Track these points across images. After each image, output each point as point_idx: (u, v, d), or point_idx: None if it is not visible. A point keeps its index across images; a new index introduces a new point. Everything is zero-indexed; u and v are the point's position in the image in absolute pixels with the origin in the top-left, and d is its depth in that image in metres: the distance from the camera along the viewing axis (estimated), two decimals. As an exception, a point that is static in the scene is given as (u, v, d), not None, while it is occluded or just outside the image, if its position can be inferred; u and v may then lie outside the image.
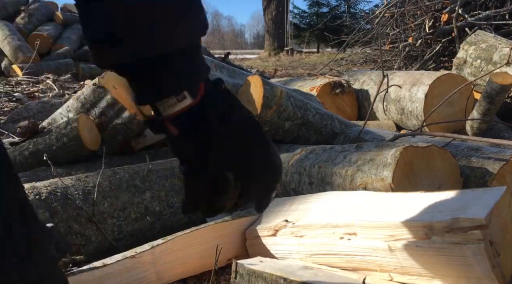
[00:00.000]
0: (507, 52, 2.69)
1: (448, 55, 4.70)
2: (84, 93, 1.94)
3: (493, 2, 4.54)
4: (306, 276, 0.98)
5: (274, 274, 0.98)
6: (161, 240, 1.15)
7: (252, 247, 1.26)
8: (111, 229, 1.34)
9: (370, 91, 2.98)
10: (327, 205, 1.18)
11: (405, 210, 0.97)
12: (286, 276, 0.96)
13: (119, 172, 1.48)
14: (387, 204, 1.05)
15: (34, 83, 4.72)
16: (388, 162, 1.21)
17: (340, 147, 1.51)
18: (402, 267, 0.94)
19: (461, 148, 1.43)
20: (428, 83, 2.40)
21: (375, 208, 1.05)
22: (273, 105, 1.70)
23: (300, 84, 3.06)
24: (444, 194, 0.98)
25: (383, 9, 5.48)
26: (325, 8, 18.46)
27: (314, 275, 1.00)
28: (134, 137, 2.03)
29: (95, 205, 1.33)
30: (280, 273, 0.98)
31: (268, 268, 1.03)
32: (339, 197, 1.20)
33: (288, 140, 1.85)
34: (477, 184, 1.27)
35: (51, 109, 2.46)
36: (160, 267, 1.12)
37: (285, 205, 1.32)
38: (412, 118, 2.50)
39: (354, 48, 7.18)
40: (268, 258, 1.15)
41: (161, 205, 1.44)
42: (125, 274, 1.06)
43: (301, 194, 1.51)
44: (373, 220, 0.99)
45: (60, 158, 1.83)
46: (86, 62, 6.68)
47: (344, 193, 1.24)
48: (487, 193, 0.93)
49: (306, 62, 10.08)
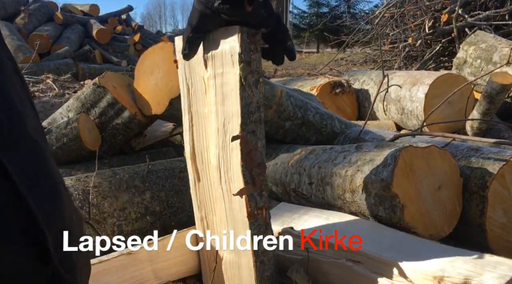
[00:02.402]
0: (507, 52, 2.70)
1: (448, 55, 4.70)
2: (84, 93, 1.94)
3: (493, 2, 4.54)
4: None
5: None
6: (159, 238, 1.14)
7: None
8: (111, 229, 1.34)
9: (370, 91, 2.98)
10: (336, 225, 1.19)
11: (415, 254, 0.98)
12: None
13: (119, 172, 1.48)
14: (395, 241, 1.06)
15: (34, 83, 4.71)
16: (388, 163, 1.21)
17: (340, 148, 1.51)
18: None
19: (461, 148, 1.43)
20: (428, 83, 2.40)
21: (382, 242, 1.06)
22: (273, 105, 1.70)
23: (300, 84, 3.06)
24: (460, 251, 0.99)
25: (383, 10, 5.48)
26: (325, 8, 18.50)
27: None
28: (134, 137, 2.03)
29: (91, 207, 1.33)
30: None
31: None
32: (350, 221, 1.22)
33: (288, 140, 1.85)
34: (477, 184, 1.27)
35: (51, 109, 2.46)
36: (157, 265, 1.12)
37: (295, 212, 1.33)
38: (412, 118, 2.50)
39: (354, 48, 7.18)
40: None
41: (161, 205, 1.44)
42: (122, 271, 1.06)
43: (301, 194, 1.51)
44: (382, 255, 1.00)
45: (60, 158, 1.83)
46: (86, 62, 6.70)
47: (356, 219, 1.25)
48: (506, 263, 0.92)
49: (306, 62, 10.08)
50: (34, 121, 0.55)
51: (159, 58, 1.77)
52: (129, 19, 9.71)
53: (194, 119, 1.09)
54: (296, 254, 1.15)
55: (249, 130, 0.96)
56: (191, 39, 0.97)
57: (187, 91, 1.09)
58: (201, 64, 1.03)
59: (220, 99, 0.99)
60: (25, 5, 7.40)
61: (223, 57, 0.97)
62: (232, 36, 0.94)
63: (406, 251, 1.02)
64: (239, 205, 0.99)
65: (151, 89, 1.80)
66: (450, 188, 1.26)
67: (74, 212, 0.58)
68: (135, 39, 8.36)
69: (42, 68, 5.67)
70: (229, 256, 1.06)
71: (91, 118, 1.88)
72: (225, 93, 0.98)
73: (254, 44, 0.94)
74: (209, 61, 1.00)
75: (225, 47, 0.96)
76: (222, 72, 0.98)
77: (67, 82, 5.01)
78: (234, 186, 0.98)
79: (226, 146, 0.99)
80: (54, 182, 0.53)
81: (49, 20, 7.43)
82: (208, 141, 1.05)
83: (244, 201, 0.97)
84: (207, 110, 1.04)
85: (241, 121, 0.95)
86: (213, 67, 1.00)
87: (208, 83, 1.02)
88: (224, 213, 1.04)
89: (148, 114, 1.84)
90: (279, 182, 1.64)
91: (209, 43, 0.99)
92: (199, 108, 1.07)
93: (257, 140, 0.98)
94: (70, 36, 7.13)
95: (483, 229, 1.25)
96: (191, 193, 1.13)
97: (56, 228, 0.51)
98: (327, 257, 1.09)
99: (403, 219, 1.17)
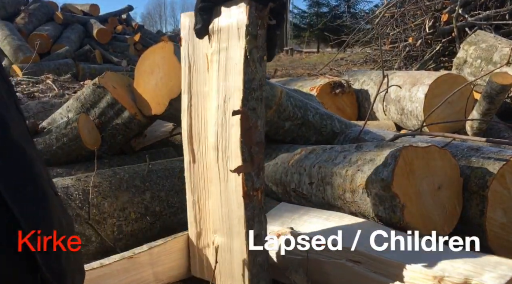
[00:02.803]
0: (507, 52, 2.70)
1: (448, 55, 4.71)
2: (84, 93, 1.94)
3: (493, 2, 4.54)
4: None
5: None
6: (160, 241, 1.14)
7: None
8: (111, 229, 1.34)
9: (370, 91, 2.98)
10: (337, 225, 1.19)
11: (415, 254, 0.98)
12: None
13: (119, 172, 1.48)
14: (395, 241, 1.06)
15: (34, 83, 4.72)
16: (388, 162, 1.21)
17: (340, 147, 1.51)
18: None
19: (461, 148, 1.43)
20: (428, 83, 2.40)
21: (381, 242, 1.06)
22: (273, 105, 1.70)
23: (300, 84, 3.06)
24: (460, 251, 0.99)
25: (383, 9, 5.48)
26: (325, 8, 18.50)
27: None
28: (134, 137, 2.03)
29: (91, 207, 1.33)
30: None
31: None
32: (351, 221, 1.22)
33: (288, 140, 1.85)
34: (477, 184, 1.27)
35: (51, 109, 2.46)
36: (158, 268, 1.12)
37: (295, 212, 1.32)
38: (412, 118, 2.50)
39: (354, 48, 7.19)
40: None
41: (161, 205, 1.44)
42: (123, 274, 1.06)
43: (301, 194, 1.51)
44: (382, 255, 1.00)
45: (60, 158, 1.84)
46: (86, 62, 6.70)
47: (357, 219, 1.25)
48: (506, 263, 0.92)
49: (306, 62, 10.08)
50: (20, 126, 0.54)
51: (159, 58, 1.77)
52: (129, 19, 9.72)
53: (193, 99, 1.08)
54: (296, 254, 1.15)
55: (250, 107, 0.95)
56: (202, 9, 0.97)
57: (188, 70, 1.08)
58: (205, 41, 1.02)
59: (222, 74, 0.98)
60: (25, 5, 7.40)
61: (229, 31, 0.96)
62: (240, 9, 0.94)
63: (407, 251, 1.02)
64: (235, 184, 0.97)
65: (151, 89, 1.80)
66: (450, 188, 1.26)
67: (64, 217, 0.57)
68: (135, 39, 8.37)
69: (42, 68, 5.67)
70: (220, 239, 1.04)
71: (91, 118, 1.88)
72: (228, 68, 0.97)
73: (261, 19, 0.94)
74: (215, 36, 0.99)
75: (232, 20, 0.95)
76: (227, 46, 0.97)
77: (67, 82, 5.02)
78: (231, 164, 0.97)
79: (226, 122, 0.98)
80: (40, 188, 0.53)
81: (49, 20, 7.44)
82: (207, 120, 1.04)
83: (241, 179, 0.95)
84: (208, 88, 1.03)
85: (243, 96, 0.94)
86: (218, 41, 0.99)
87: (211, 58, 1.01)
88: (218, 194, 1.02)
89: (148, 114, 1.84)
90: (279, 182, 1.64)
91: (216, 16, 0.99)
92: (199, 87, 1.06)
93: (257, 118, 0.97)
94: (70, 36, 7.13)
95: (483, 229, 1.25)
96: (185, 175, 1.12)
97: (44, 235, 0.50)
98: (327, 257, 1.09)
99: (403, 219, 1.17)
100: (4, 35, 6.11)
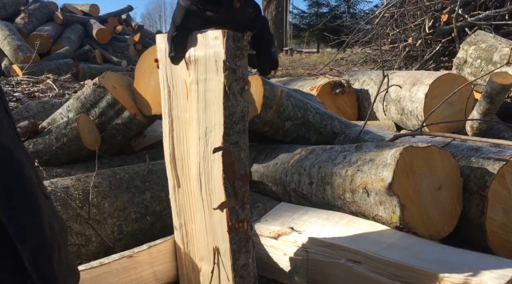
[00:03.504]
0: (507, 52, 2.69)
1: (448, 55, 4.71)
2: (84, 93, 1.94)
3: (493, 2, 4.54)
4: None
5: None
6: (160, 240, 1.14)
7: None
8: (111, 229, 1.34)
9: (370, 91, 2.98)
10: (338, 225, 1.19)
11: (415, 254, 0.98)
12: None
13: (119, 172, 1.48)
14: (395, 241, 1.06)
15: (34, 83, 4.72)
16: (388, 163, 1.21)
17: (340, 147, 1.51)
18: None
19: (461, 148, 1.43)
20: (428, 83, 2.40)
21: (381, 242, 1.06)
22: (273, 105, 1.70)
23: (300, 84, 3.06)
24: (460, 251, 0.99)
25: (383, 9, 5.48)
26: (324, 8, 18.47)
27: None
28: (134, 137, 2.03)
29: (91, 207, 1.32)
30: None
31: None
32: (351, 221, 1.22)
33: (288, 140, 1.85)
34: (477, 184, 1.27)
35: (51, 109, 2.46)
36: (158, 267, 1.12)
37: (295, 212, 1.32)
38: (412, 118, 2.50)
39: (354, 48, 7.19)
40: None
41: (161, 205, 1.44)
42: (122, 273, 1.06)
43: (301, 194, 1.51)
44: (382, 255, 1.00)
45: (60, 158, 1.83)
46: (86, 62, 6.70)
47: (357, 219, 1.25)
48: (506, 263, 0.92)
49: (306, 62, 10.07)
50: (8, 129, 0.53)
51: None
52: (129, 19, 9.70)
53: (174, 123, 1.03)
54: (296, 254, 1.15)
55: (232, 141, 0.91)
56: (175, 38, 0.92)
57: (168, 94, 1.03)
58: (183, 67, 0.97)
59: (202, 106, 0.93)
60: (25, 5, 7.40)
61: (207, 63, 0.91)
62: (216, 41, 0.88)
63: (406, 251, 1.02)
64: (219, 218, 0.94)
65: (151, 89, 1.80)
66: (450, 188, 1.26)
67: (56, 221, 0.55)
68: (135, 39, 8.36)
69: (42, 68, 5.67)
70: (206, 267, 1.01)
71: (91, 118, 1.88)
72: (208, 100, 0.92)
73: (240, 50, 0.88)
74: (192, 65, 0.94)
75: (209, 51, 0.90)
76: (205, 78, 0.92)
77: (67, 82, 5.02)
78: (214, 198, 0.94)
79: (208, 156, 0.93)
80: (29, 194, 0.51)
81: (49, 20, 7.43)
82: (189, 148, 1.00)
83: (225, 214, 0.92)
84: (189, 116, 0.98)
85: (224, 132, 0.89)
86: (196, 72, 0.94)
87: (190, 87, 0.96)
88: (204, 224, 0.99)
89: (148, 114, 1.84)
90: (279, 182, 1.64)
91: (192, 45, 0.93)
92: (180, 112, 1.01)
93: (240, 151, 0.92)
94: (70, 36, 7.13)
95: (483, 229, 1.25)
96: (170, 198, 1.08)
97: (32, 242, 0.49)
98: (327, 257, 1.09)
99: (403, 219, 1.17)
100: (4, 35, 6.11)
